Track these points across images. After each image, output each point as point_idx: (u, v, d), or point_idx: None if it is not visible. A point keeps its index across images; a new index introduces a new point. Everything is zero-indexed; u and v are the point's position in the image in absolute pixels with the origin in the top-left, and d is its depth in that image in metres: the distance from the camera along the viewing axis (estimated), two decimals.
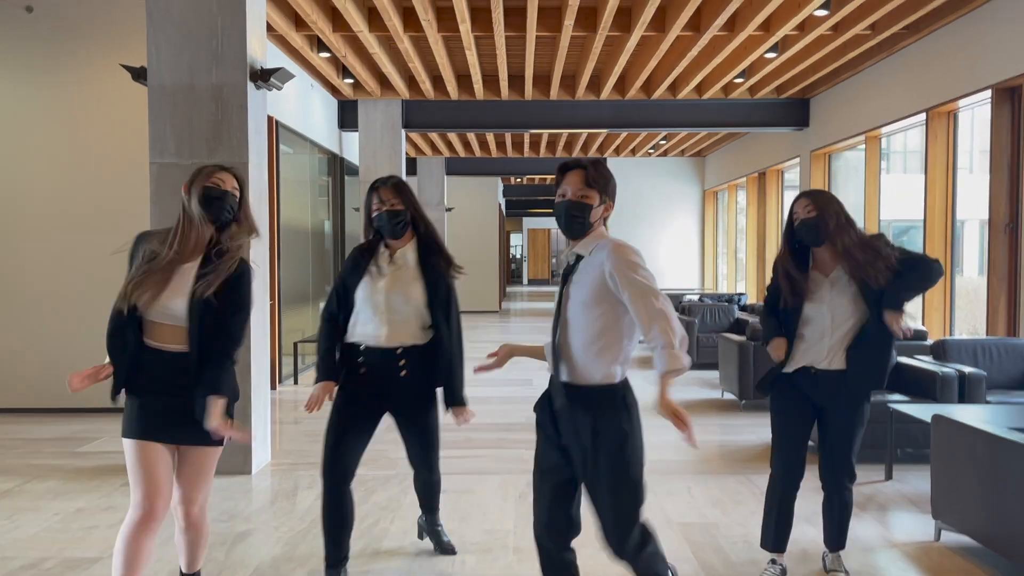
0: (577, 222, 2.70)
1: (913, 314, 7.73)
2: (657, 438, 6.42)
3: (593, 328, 2.62)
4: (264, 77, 5.22)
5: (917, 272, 3.28)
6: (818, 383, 3.41)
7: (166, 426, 2.80)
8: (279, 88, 5.44)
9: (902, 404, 5.15)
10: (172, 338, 2.79)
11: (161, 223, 5.18)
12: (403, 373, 3.43)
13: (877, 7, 7.42)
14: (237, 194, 2.96)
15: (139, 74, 5.24)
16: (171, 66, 5.14)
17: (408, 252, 3.46)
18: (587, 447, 2.62)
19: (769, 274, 3.67)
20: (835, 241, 3.30)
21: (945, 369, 5.51)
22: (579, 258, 2.72)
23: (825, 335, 3.36)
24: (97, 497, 4.81)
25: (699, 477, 5.26)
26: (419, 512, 4.06)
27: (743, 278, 15.95)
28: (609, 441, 2.60)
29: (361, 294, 3.41)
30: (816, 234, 3.31)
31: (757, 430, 6.62)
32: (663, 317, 2.50)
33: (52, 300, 7.22)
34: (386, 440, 6.45)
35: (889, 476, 5.15)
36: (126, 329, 2.76)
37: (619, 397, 2.65)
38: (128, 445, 2.81)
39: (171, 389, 2.77)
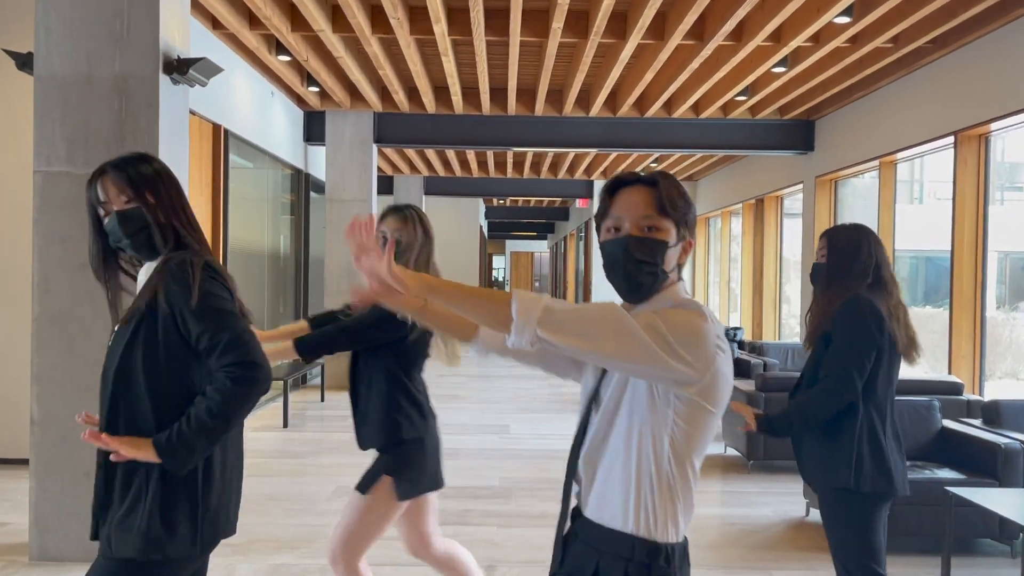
0: (645, 272, 1.66)
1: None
2: None
3: (642, 449, 1.64)
4: (181, 69, 4.24)
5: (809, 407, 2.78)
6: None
7: None
8: (203, 83, 4.45)
9: (961, 488, 4.19)
10: None
11: (46, 241, 4.18)
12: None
13: (903, 17, 6.57)
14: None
15: (25, 62, 4.25)
16: (64, 51, 4.14)
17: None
18: None
19: (767, 307, 2.87)
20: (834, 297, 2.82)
21: (1008, 440, 4.56)
22: None
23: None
24: None
25: (711, 573, 4.26)
26: None
27: (736, 310, 15.06)
28: None
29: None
30: (820, 281, 2.91)
31: (771, 500, 5.64)
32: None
33: None
34: (329, 511, 5.45)
35: (947, 575, 4.18)
36: None
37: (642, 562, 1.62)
38: None
39: None
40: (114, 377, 1.98)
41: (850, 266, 2.83)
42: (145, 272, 2.08)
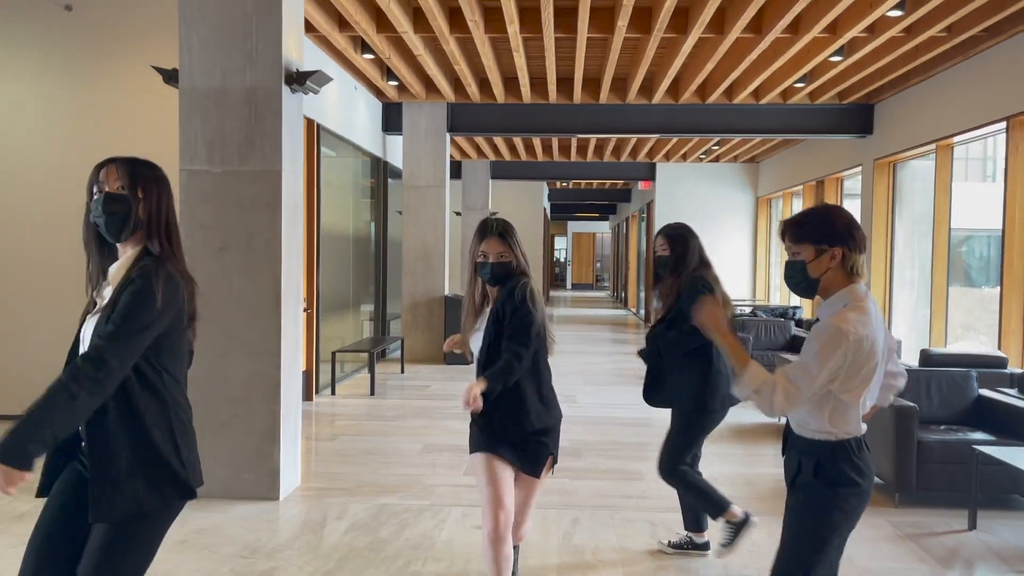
0: (796, 283, 2.61)
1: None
2: (709, 469, 5.98)
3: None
4: (300, 80, 4.94)
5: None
6: None
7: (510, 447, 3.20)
8: (315, 92, 5.15)
9: (989, 447, 4.66)
10: None
11: (189, 229, 4.93)
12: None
13: (955, 8, 6.90)
14: None
15: (171, 76, 5.00)
16: (203, 68, 4.88)
17: (122, 269, 2.28)
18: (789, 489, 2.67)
19: None
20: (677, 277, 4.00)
21: None
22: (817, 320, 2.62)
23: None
24: None
25: (760, 521, 4.82)
26: (456, 550, 3.68)
27: None
28: (802, 491, 2.59)
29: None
30: (665, 270, 4.06)
31: None
32: (782, 377, 2.49)
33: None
34: (421, 464, 6.17)
35: (973, 525, 4.66)
36: None
37: (826, 454, 2.55)
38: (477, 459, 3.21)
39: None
40: None
41: (686, 254, 3.96)
42: (119, 267, 2.27)
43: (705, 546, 4.26)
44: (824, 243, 2.51)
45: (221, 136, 4.91)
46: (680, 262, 3.98)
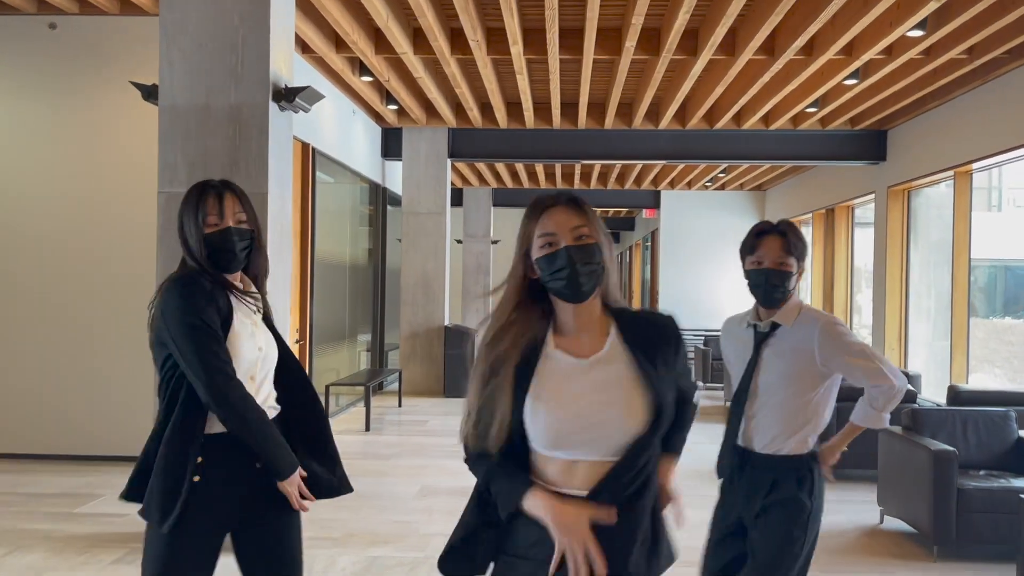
0: (779, 292, 2.65)
1: None
2: (706, 513, 5.57)
3: (794, 401, 2.60)
4: (289, 97, 4.61)
5: None
6: None
7: None
8: (306, 110, 4.82)
9: None
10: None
11: (168, 259, 4.55)
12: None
13: (978, 28, 6.60)
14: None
15: (150, 93, 4.68)
16: (184, 84, 4.56)
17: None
18: (758, 515, 2.60)
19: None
20: None
21: None
22: (776, 326, 2.66)
23: None
24: None
25: None
26: None
27: None
28: (782, 510, 2.56)
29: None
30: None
31: (845, 508, 5.74)
32: (883, 377, 2.60)
33: (58, 338, 6.66)
34: (417, 509, 5.76)
35: None
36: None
37: (805, 468, 2.61)
38: None
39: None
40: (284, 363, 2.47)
41: None
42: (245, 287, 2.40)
43: None
44: (802, 261, 2.68)
45: (204, 156, 4.57)
46: None
